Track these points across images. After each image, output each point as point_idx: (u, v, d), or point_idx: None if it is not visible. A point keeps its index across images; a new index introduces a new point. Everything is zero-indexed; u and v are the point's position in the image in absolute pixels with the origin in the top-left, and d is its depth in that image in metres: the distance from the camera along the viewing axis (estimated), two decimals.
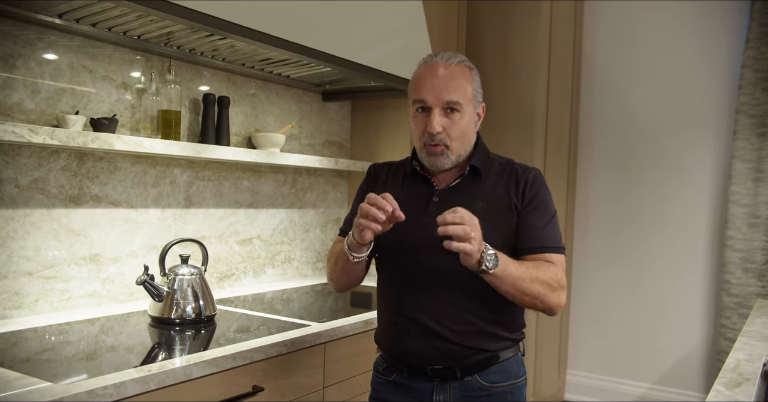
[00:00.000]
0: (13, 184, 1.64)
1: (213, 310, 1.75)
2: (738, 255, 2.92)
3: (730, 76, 3.07)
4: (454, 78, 1.29)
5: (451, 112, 1.29)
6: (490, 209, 1.29)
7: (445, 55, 1.32)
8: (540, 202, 1.32)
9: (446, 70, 1.29)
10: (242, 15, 1.65)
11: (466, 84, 1.30)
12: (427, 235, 1.28)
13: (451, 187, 1.35)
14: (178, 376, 1.28)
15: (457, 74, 1.29)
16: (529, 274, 1.22)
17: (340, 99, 2.69)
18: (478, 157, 1.36)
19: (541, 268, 1.25)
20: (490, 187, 1.33)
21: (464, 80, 1.30)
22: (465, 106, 1.29)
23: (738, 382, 1.18)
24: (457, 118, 1.29)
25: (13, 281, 1.65)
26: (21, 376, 1.18)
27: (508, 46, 2.95)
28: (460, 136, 1.30)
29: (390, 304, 1.38)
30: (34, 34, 1.67)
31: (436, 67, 1.30)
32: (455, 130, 1.29)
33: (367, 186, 1.49)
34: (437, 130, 1.27)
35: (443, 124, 1.28)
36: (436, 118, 1.28)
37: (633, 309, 3.33)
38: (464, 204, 1.28)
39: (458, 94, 1.28)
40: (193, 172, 2.15)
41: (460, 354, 1.30)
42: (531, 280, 1.22)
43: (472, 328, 1.29)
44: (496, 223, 1.28)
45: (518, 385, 1.37)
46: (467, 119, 1.31)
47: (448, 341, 1.29)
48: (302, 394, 1.63)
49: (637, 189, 3.32)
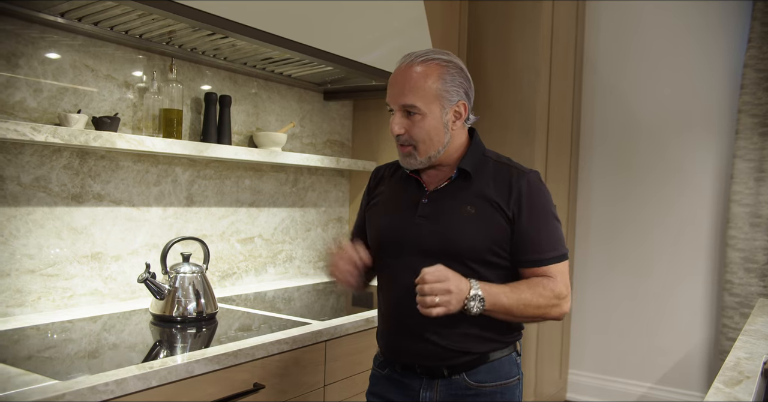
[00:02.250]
0: (15, 182, 1.65)
1: (214, 308, 1.75)
2: (740, 255, 2.92)
3: (732, 76, 3.07)
4: (411, 79, 1.26)
5: (411, 114, 1.27)
6: (480, 212, 1.28)
7: (415, 54, 1.30)
8: (537, 210, 1.29)
9: (406, 73, 1.27)
10: (244, 14, 1.65)
11: (429, 83, 1.26)
12: (416, 236, 1.31)
13: (440, 189, 1.34)
14: (180, 373, 1.29)
15: (417, 76, 1.26)
16: (523, 301, 1.22)
17: (342, 98, 2.70)
18: (470, 157, 1.33)
19: (537, 288, 1.24)
20: (480, 189, 1.30)
21: (425, 80, 1.26)
22: (426, 107, 1.26)
23: (738, 380, 1.18)
24: (418, 119, 1.27)
25: (15, 279, 1.66)
26: (24, 373, 1.18)
27: (509, 46, 2.95)
28: (425, 138, 1.28)
29: (383, 303, 1.41)
30: (36, 33, 1.67)
31: (399, 69, 1.30)
32: (417, 131, 1.27)
33: (367, 191, 1.52)
34: (396, 131, 1.28)
35: (404, 125, 1.28)
36: (395, 120, 1.28)
37: (634, 309, 3.33)
38: (453, 207, 1.30)
39: (414, 96, 1.25)
40: (195, 171, 2.15)
41: (445, 355, 1.30)
42: (525, 306, 1.22)
43: (458, 331, 1.28)
44: (485, 226, 1.27)
45: (509, 385, 1.35)
46: (431, 120, 1.27)
47: (431, 343, 1.29)
48: (303, 391, 1.63)
49: (639, 189, 3.32)
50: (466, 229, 1.27)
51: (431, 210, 1.31)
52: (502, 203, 1.28)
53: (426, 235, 1.29)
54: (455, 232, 1.27)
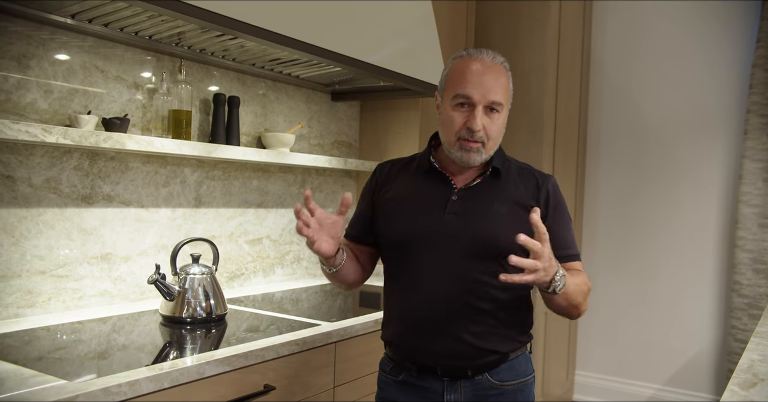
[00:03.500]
0: (26, 183, 1.65)
1: (224, 310, 1.75)
2: (748, 255, 2.91)
3: (741, 76, 3.06)
4: (500, 77, 1.28)
5: (491, 111, 1.27)
6: (512, 211, 1.29)
7: (489, 52, 1.30)
8: (561, 210, 1.35)
9: (493, 69, 1.28)
10: (253, 14, 1.65)
11: (508, 84, 1.31)
12: (446, 233, 1.28)
13: (470, 187, 1.33)
14: (192, 374, 1.29)
15: (501, 74, 1.29)
16: (579, 287, 1.24)
17: (349, 99, 2.69)
18: (498, 158, 1.35)
19: (582, 277, 1.28)
20: (509, 188, 1.33)
21: (507, 81, 1.30)
22: (505, 107, 1.30)
23: (753, 383, 1.17)
24: (497, 117, 1.28)
25: (26, 280, 1.66)
26: (36, 374, 1.18)
27: (516, 46, 2.95)
28: (496, 136, 1.30)
29: (402, 301, 1.35)
30: (47, 34, 1.68)
31: (483, 63, 1.27)
32: (494, 129, 1.28)
33: (371, 185, 1.47)
34: (478, 127, 1.25)
35: (484, 122, 1.27)
36: (479, 116, 1.26)
37: (642, 310, 3.32)
38: (483, 205, 1.29)
39: (501, 94, 1.27)
40: (203, 172, 2.15)
41: (473, 355, 1.29)
42: (579, 292, 1.24)
43: (489, 330, 1.29)
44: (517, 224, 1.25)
45: (527, 382, 1.37)
46: (503, 120, 1.31)
47: (462, 342, 1.28)
48: (313, 393, 1.63)
49: (647, 190, 3.31)
50: (500, 226, 1.27)
51: (461, 207, 1.30)
52: (533, 201, 1.31)
53: (457, 232, 1.28)
54: (489, 229, 1.27)
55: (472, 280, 1.27)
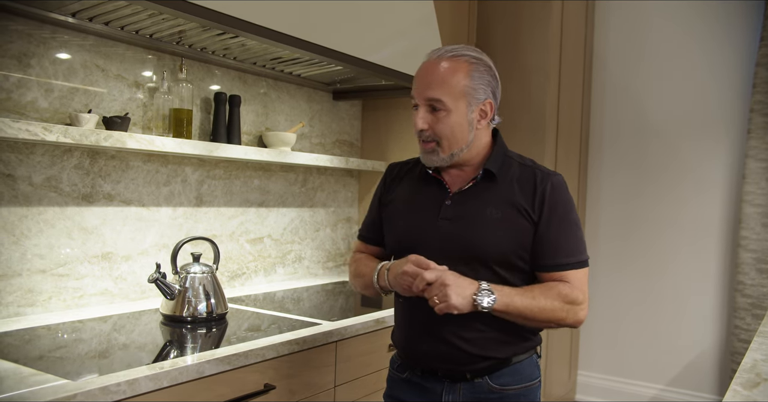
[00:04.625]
0: (27, 182, 1.65)
1: (224, 309, 1.75)
2: (752, 255, 2.89)
3: (744, 75, 3.04)
4: (438, 74, 1.23)
5: (435, 110, 1.24)
6: (505, 215, 1.25)
7: (445, 48, 1.27)
8: (558, 214, 1.25)
9: (433, 67, 1.25)
10: (254, 13, 1.65)
11: (457, 79, 1.23)
12: (438, 239, 1.27)
13: (463, 191, 1.31)
14: (191, 373, 1.28)
15: (444, 71, 1.23)
16: (536, 303, 1.19)
17: (351, 98, 2.69)
18: (495, 158, 1.30)
19: (550, 292, 1.21)
20: (504, 191, 1.28)
21: (454, 75, 1.23)
22: (451, 103, 1.23)
23: (756, 383, 1.16)
24: (442, 115, 1.24)
25: (27, 279, 1.66)
26: (36, 373, 1.18)
27: (518, 46, 2.94)
28: (448, 135, 1.25)
29: (402, 306, 1.38)
30: (47, 33, 1.67)
31: (427, 63, 1.27)
32: (440, 127, 1.25)
33: (380, 187, 1.48)
34: (419, 126, 1.25)
35: (428, 121, 1.25)
36: (419, 115, 1.26)
37: (644, 309, 3.30)
38: (477, 209, 1.26)
39: (440, 91, 1.22)
40: (205, 171, 2.15)
41: (468, 360, 1.28)
42: (539, 309, 1.20)
43: (482, 335, 1.27)
44: (511, 230, 1.24)
45: (531, 387, 1.34)
46: (456, 117, 1.24)
47: (455, 348, 1.27)
48: (314, 392, 1.63)
49: (649, 189, 3.30)
50: (492, 232, 1.24)
51: (454, 212, 1.28)
52: (527, 206, 1.25)
53: (449, 238, 1.26)
54: (480, 236, 1.24)
55: None
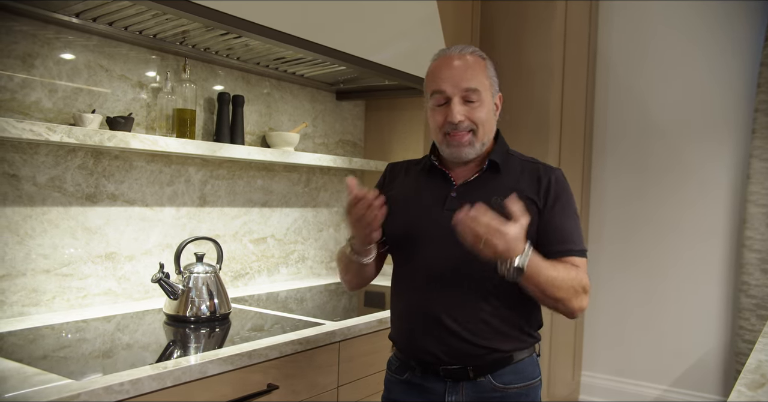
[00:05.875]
0: (31, 182, 1.66)
1: (228, 309, 1.75)
2: (756, 256, 2.88)
3: (748, 75, 3.03)
4: (470, 67, 1.30)
5: (469, 102, 1.29)
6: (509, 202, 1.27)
7: (457, 47, 1.34)
8: (563, 203, 1.30)
9: (461, 60, 1.30)
10: (257, 13, 1.65)
11: (482, 73, 1.31)
12: (444, 230, 1.26)
13: (469, 182, 1.33)
14: (194, 373, 1.29)
15: (471, 63, 1.30)
16: (558, 275, 1.19)
17: (354, 98, 2.69)
18: (498, 152, 1.35)
19: (569, 271, 1.23)
20: (509, 182, 1.31)
21: (479, 69, 1.31)
22: (483, 95, 1.29)
23: (761, 383, 1.15)
24: (477, 105, 1.29)
25: (31, 279, 1.67)
26: (39, 372, 1.18)
27: (521, 45, 2.93)
28: (485, 121, 1.30)
29: (404, 299, 1.37)
30: (51, 33, 1.68)
31: (451, 58, 1.31)
32: (477, 115, 1.29)
33: (379, 184, 1.49)
34: (459, 118, 1.27)
35: (464, 112, 1.28)
36: (456, 107, 1.28)
37: (648, 310, 3.30)
38: (482, 199, 1.26)
39: (476, 81, 1.29)
40: (208, 171, 2.15)
41: (473, 353, 1.28)
42: (560, 280, 1.19)
43: (488, 327, 1.27)
44: None
45: (533, 386, 1.35)
46: (487, 108, 1.31)
47: (461, 339, 1.27)
48: (317, 392, 1.63)
49: (654, 189, 3.29)
50: None
51: (460, 203, 1.28)
52: (532, 194, 1.29)
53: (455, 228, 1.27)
54: None
55: (470, 277, 1.26)
